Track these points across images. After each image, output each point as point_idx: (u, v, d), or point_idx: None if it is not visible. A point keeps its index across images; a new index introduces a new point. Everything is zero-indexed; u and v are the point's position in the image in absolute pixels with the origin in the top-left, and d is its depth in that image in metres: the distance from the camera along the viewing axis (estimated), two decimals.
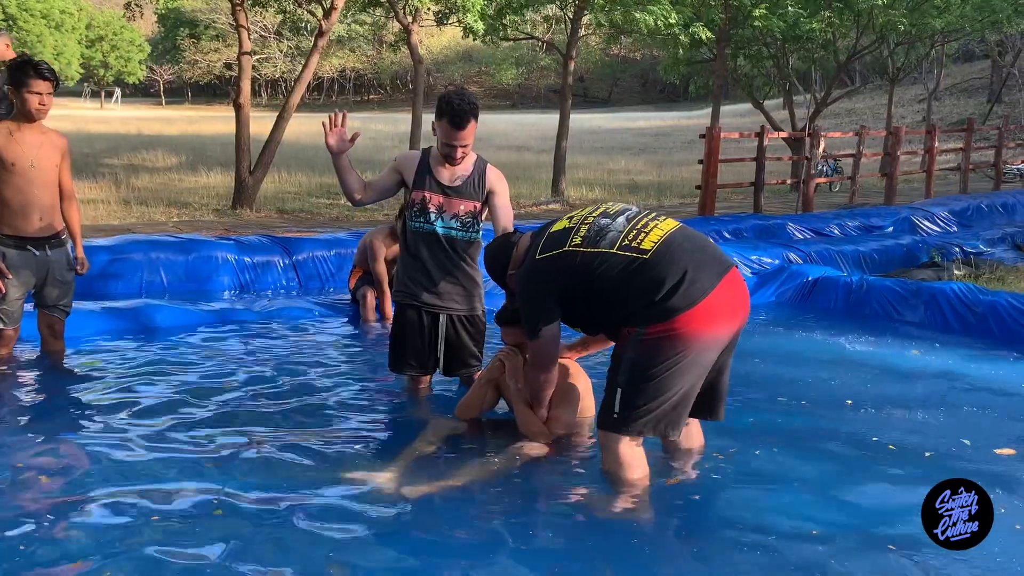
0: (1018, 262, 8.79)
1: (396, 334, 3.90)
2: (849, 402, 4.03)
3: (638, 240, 2.85)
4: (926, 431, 3.63)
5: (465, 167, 3.77)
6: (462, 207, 3.75)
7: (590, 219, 2.96)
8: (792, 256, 7.74)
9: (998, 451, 3.30)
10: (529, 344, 3.11)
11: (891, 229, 9.97)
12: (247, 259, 6.55)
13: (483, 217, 3.84)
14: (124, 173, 15.29)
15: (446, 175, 3.75)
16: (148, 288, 6.11)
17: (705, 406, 3.10)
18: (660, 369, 2.78)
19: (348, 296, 5.99)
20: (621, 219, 2.93)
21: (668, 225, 2.94)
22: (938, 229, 10.42)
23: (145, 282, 6.14)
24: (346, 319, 5.72)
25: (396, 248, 5.89)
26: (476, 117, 3.61)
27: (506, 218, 3.76)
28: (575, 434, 3.37)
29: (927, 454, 3.30)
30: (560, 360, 3.29)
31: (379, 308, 5.75)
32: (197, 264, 6.39)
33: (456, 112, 3.54)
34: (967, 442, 3.36)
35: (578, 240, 2.90)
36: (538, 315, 2.98)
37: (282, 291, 6.51)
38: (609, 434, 2.91)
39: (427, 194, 3.73)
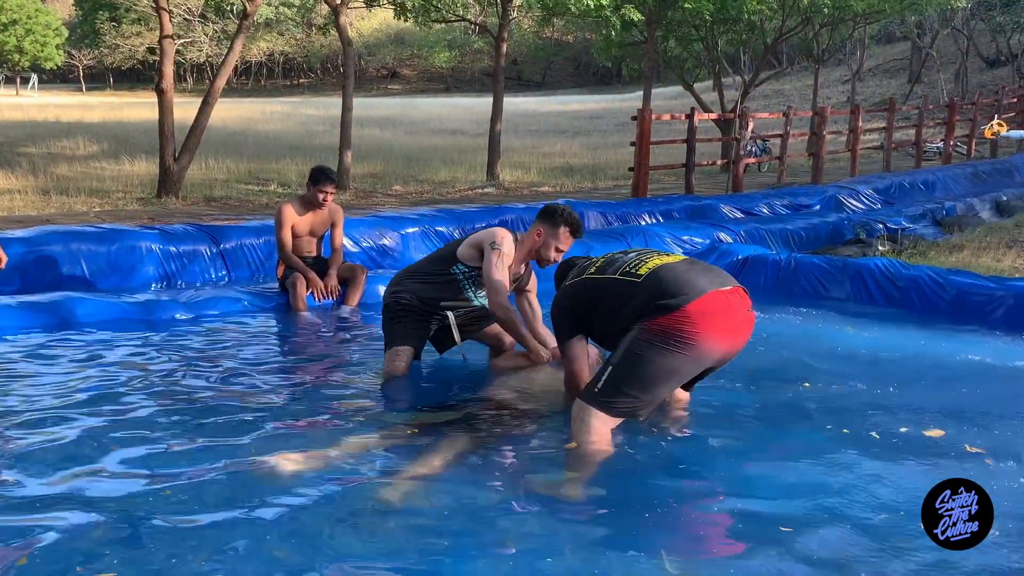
0: (938, 237, 9.09)
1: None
2: (807, 384, 4.10)
3: (637, 269, 3.18)
4: (857, 405, 3.72)
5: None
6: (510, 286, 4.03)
7: (613, 256, 3.37)
8: (722, 235, 7.86)
9: (927, 432, 3.34)
10: (563, 358, 3.50)
11: (818, 207, 10.21)
12: (172, 249, 6.35)
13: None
14: (42, 162, 14.71)
15: (522, 269, 4.02)
16: (68, 281, 5.88)
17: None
18: (650, 358, 3.00)
19: (277, 285, 5.87)
20: (633, 254, 3.31)
21: (672, 259, 3.22)
22: (863, 207, 10.70)
23: (65, 274, 5.91)
24: (276, 308, 5.61)
25: (308, 217, 5.75)
26: None
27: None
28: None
29: (874, 434, 3.34)
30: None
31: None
32: (120, 255, 6.17)
33: (580, 227, 3.85)
34: (905, 429, 3.39)
35: (593, 270, 3.33)
36: (562, 332, 3.43)
37: (210, 281, 6.35)
38: (585, 406, 3.10)
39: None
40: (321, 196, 5.66)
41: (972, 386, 4.11)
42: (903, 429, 3.39)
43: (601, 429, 3.07)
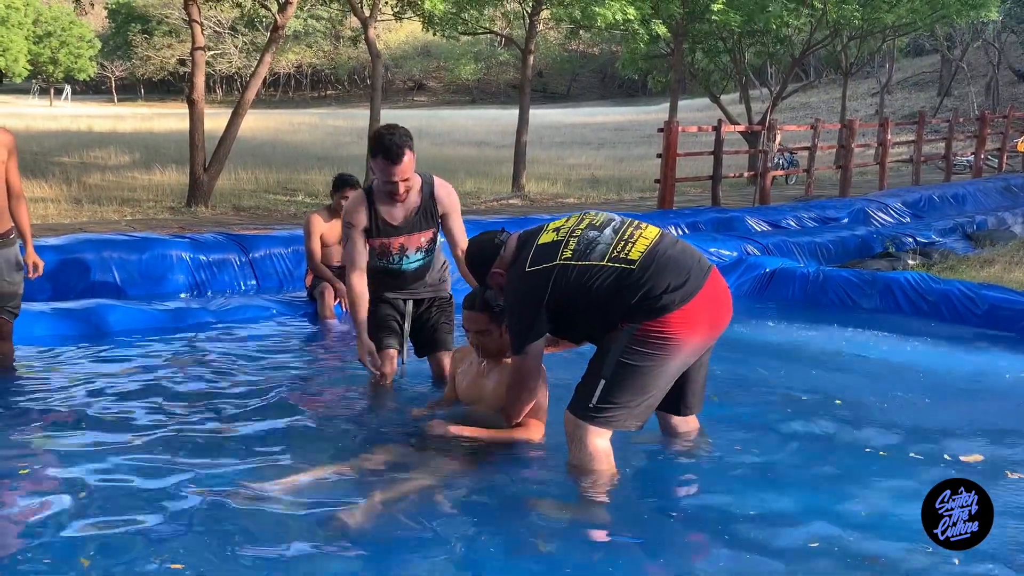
0: (969, 251, 8.98)
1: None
2: (804, 397, 4.06)
3: (626, 251, 2.91)
4: (891, 424, 3.66)
5: (413, 198, 3.74)
6: (422, 239, 3.83)
7: (578, 231, 3.00)
8: (750, 248, 7.81)
9: (964, 458, 3.23)
10: (513, 360, 3.11)
11: (846, 220, 10.12)
12: (202, 257, 6.42)
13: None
14: (75, 171, 14.95)
15: (398, 214, 3.74)
16: (100, 288, 5.96)
17: (684, 400, 3.18)
18: (646, 367, 2.85)
19: (306, 294, 5.91)
20: (608, 231, 2.98)
21: (651, 233, 3.00)
22: (892, 220, 10.59)
23: (97, 282, 5.99)
24: (304, 317, 5.65)
25: (335, 226, 5.77)
26: (411, 148, 3.57)
27: (461, 237, 3.85)
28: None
29: (913, 454, 3.25)
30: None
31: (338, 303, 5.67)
32: (151, 263, 6.25)
33: (388, 147, 3.50)
34: (948, 456, 3.26)
35: (568, 253, 2.93)
36: (527, 330, 2.99)
37: (239, 290, 6.41)
38: (580, 423, 2.92)
39: (384, 240, 3.77)
40: (343, 202, 5.70)
41: (1006, 404, 4.05)
42: (946, 456, 3.26)
43: (602, 445, 2.93)
